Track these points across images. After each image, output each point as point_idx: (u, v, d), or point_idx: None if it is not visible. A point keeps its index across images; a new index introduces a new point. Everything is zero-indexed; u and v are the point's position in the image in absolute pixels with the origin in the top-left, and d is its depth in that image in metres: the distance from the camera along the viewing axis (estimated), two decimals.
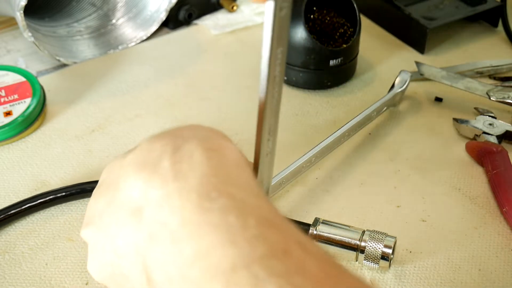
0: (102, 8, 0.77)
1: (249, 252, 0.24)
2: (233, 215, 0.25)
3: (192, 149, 0.28)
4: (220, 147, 0.29)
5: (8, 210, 0.51)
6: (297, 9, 0.63)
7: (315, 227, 0.47)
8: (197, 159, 0.28)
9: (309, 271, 0.24)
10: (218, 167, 0.28)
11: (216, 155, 0.28)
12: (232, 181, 0.27)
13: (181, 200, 0.26)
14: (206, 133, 0.31)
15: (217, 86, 0.68)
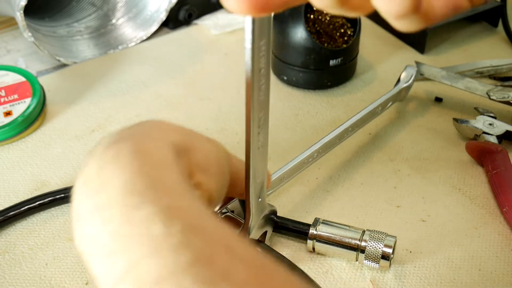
0: (102, 8, 0.77)
1: (173, 262, 0.24)
2: (157, 224, 0.25)
3: (121, 152, 0.28)
4: (149, 147, 0.29)
5: (7, 212, 0.50)
6: (297, 9, 0.63)
7: (315, 227, 0.47)
8: (123, 162, 0.27)
9: (235, 277, 0.24)
10: (143, 170, 0.27)
11: (142, 157, 0.28)
12: (157, 184, 0.27)
13: (109, 211, 0.26)
14: (147, 130, 0.31)
15: (217, 86, 0.68)
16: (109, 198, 0.26)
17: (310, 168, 0.56)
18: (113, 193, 0.26)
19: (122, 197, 0.26)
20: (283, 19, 0.64)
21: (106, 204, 0.26)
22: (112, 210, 0.26)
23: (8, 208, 0.51)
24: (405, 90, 0.63)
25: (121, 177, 0.27)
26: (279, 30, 0.64)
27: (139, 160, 0.27)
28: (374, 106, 0.59)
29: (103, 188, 0.27)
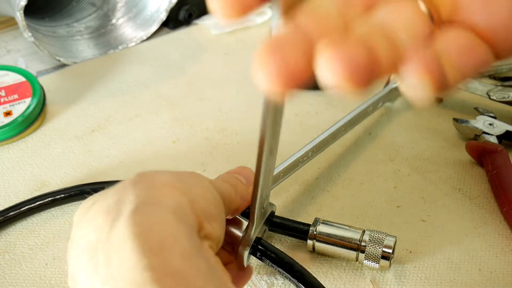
0: (102, 8, 0.77)
1: None
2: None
3: (123, 233, 0.28)
4: (148, 224, 0.28)
5: (7, 212, 0.50)
6: None
7: (315, 227, 0.47)
8: (123, 249, 0.27)
9: None
10: (143, 257, 0.27)
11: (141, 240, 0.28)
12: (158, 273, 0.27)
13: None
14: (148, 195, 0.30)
15: (217, 86, 0.68)
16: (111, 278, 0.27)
17: (310, 168, 0.56)
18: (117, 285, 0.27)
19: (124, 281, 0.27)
20: None
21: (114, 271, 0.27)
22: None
23: (8, 208, 0.51)
24: (395, 90, 0.63)
25: (121, 268, 0.27)
26: None
27: (138, 245, 0.27)
28: (365, 106, 0.59)
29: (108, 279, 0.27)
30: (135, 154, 0.59)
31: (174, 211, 0.29)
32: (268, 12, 0.80)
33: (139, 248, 0.27)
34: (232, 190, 0.38)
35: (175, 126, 0.62)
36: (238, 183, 0.39)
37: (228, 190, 0.37)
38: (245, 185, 0.40)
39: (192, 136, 0.61)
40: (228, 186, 0.38)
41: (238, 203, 0.38)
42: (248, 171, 0.41)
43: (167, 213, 0.29)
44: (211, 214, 0.32)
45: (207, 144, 0.60)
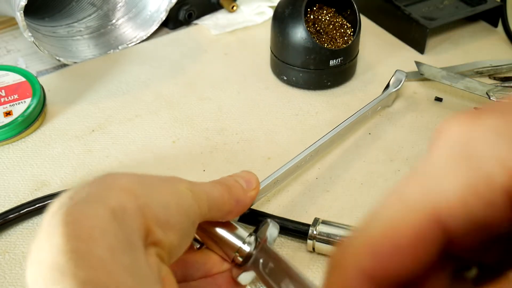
0: (102, 8, 0.77)
1: None
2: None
3: (51, 223, 0.29)
4: (83, 215, 0.29)
5: (6, 215, 0.50)
6: (297, 9, 0.63)
7: (315, 227, 0.47)
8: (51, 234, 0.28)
9: None
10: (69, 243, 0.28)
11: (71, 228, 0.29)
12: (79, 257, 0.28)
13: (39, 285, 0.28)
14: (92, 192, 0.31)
15: (217, 86, 0.68)
16: (36, 273, 0.28)
17: (310, 168, 0.56)
18: (41, 267, 0.28)
19: (46, 273, 0.28)
20: (283, 19, 0.64)
21: (34, 281, 0.28)
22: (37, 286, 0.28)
23: (7, 211, 0.51)
24: (394, 94, 0.64)
25: (48, 252, 0.28)
26: (279, 30, 0.64)
27: (66, 232, 0.28)
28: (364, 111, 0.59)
29: (36, 264, 0.28)
30: (135, 154, 0.59)
31: (113, 210, 0.30)
32: (268, 12, 0.80)
33: (66, 234, 0.28)
34: (225, 192, 0.37)
35: (175, 126, 0.62)
36: (235, 185, 0.38)
37: (220, 193, 0.37)
38: (244, 189, 0.39)
39: (192, 136, 0.61)
40: (220, 188, 0.37)
41: (231, 206, 0.38)
42: (251, 176, 0.41)
43: (104, 210, 0.30)
44: (167, 222, 0.32)
45: (207, 144, 0.60)
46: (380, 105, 0.62)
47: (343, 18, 0.68)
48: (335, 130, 0.56)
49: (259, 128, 0.62)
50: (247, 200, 0.39)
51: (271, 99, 0.66)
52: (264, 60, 0.72)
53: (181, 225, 0.33)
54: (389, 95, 0.63)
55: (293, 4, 0.64)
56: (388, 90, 0.63)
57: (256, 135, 0.61)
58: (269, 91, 0.67)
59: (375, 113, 0.63)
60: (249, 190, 0.39)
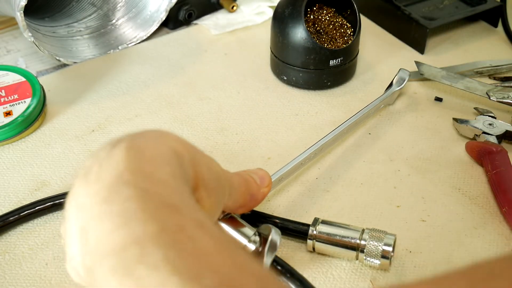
0: (102, 8, 0.77)
1: (140, 231, 0.25)
2: (132, 202, 0.26)
3: (116, 152, 0.29)
4: (144, 145, 0.30)
5: (6, 217, 0.50)
6: (297, 9, 0.63)
7: (315, 226, 0.47)
8: (116, 159, 0.29)
9: (199, 244, 0.25)
10: (133, 164, 0.28)
11: (135, 153, 0.29)
12: (143, 175, 0.28)
13: (94, 199, 0.28)
14: (150, 134, 0.32)
15: (217, 86, 0.68)
16: (97, 190, 0.28)
17: (310, 168, 0.56)
18: (101, 184, 0.28)
19: (108, 186, 0.28)
20: (283, 19, 0.64)
21: (91, 193, 0.28)
22: (95, 196, 0.28)
23: (7, 213, 0.50)
24: (397, 93, 0.64)
25: (111, 171, 0.28)
26: (279, 30, 0.64)
27: (130, 156, 0.29)
28: (367, 110, 0.59)
29: (96, 181, 0.28)
30: None
31: (175, 150, 0.30)
32: (268, 12, 0.80)
33: (130, 157, 0.28)
34: (243, 185, 0.38)
35: (175, 126, 0.62)
36: (251, 180, 0.39)
37: (239, 184, 0.38)
38: (258, 185, 0.40)
39: (192, 136, 0.61)
40: (240, 179, 0.38)
41: (245, 199, 0.39)
42: (264, 173, 0.42)
43: (165, 146, 0.30)
44: (209, 185, 0.33)
45: (207, 144, 0.60)
46: (383, 103, 0.62)
47: (343, 18, 0.68)
48: (340, 128, 0.56)
49: (259, 128, 0.62)
50: (259, 196, 0.40)
51: (271, 99, 0.66)
52: (264, 60, 0.72)
53: (217, 194, 0.34)
54: (392, 94, 0.63)
55: (293, 4, 0.64)
56: (391, 88, 0.63)
57: (256, 135, 0.61)
58: (269, 91, 0.67)
59: (376, 112, 0.63)
60: (262, 187, 0.40)
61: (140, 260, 0.24)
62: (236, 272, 0.25)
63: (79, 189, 0.29)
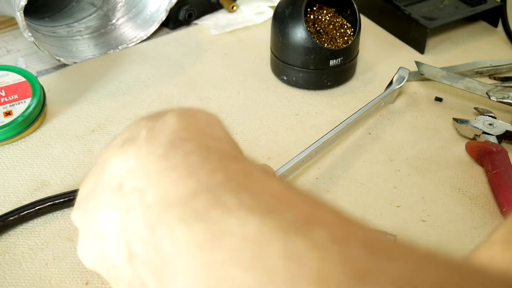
0: (102, 8, 0.77)
1: (208, 180, 0.25)
2: (195, 155, 0.26)
3: (167, 117, 0.29)
4: (194, 112, 0.30)
5: (6, 217, 0.50)
6: (297, 9, 0.63)
7: None
8: (169, 121, 0.28)
9: (270, 187, 0.25)
10: (188, 124, 0.28)
11: (187, 117, 0.29)
12: (200, 132, 0.28)
13: (149, 158, 0.27)
14: (188, 108, 0.31)
15: (217, 86, 0.68)
16: (151, 149, 0.27)
17: (310, 168, 0.56)
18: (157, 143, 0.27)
19: (165, 143, 0.27)
20: (283, 19, 0.64)
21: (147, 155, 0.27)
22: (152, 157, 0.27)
23: (7, 213, 0.50)
24: (397, 91, 0.64)
25: (166, 131, 0.28)
26: (279, 30, 0.64)
27: (184, 119, 0.29)
28: (368, 108, 0.60)
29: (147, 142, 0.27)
30: None
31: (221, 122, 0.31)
32: (268, 12, 0.80)
33: (184, 119, 0.28)
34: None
35: None
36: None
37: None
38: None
39: None
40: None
41: None
42: (267, 167, 0.42)
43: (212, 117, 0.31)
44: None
45: None
46: (384, 102, 0.62)
47: (343, 18, 0.68)
48: (340, 126, 0.56)
49: (259, 128, 0.62)
50: None
51: (271, 99, 0.66)
52: (264, 60, 0.72)
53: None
54: (392, 92, 0.63)
55: (293, 4, 0.64)
56: (391, 87, 0.63)
57: (256, 135, 0.61)
58: (269, 91, 0.67)
59: (376, 112, 0.63)
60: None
61: (212, 205, 0.24)
62: (315, 208, 0.24)
63: (123, 155, 0.27)
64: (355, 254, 0.21)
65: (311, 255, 0.21)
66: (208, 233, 0.23)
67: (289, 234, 0.22)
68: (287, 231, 0.22)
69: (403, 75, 0.64)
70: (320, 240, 0.22)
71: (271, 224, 0.22)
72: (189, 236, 0.23)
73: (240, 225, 0.23)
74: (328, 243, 0.22)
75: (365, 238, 0.22)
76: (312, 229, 0.22)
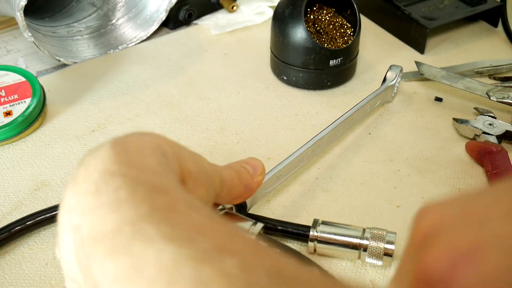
0: (102, 8, 0.77)
1: (132, 213, 0.26)
2: (123, 190, 0.27)
3: (101, 152, 0.30)
4: (126, 142, 0.31)
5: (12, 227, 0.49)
6: (297, 9, 0.63)
7: (315, 228, 0.47)
8: (102, 157, 0.29)
9: (191, 219, 0.26)
10: (118, 158, 0.29)
11: (119, 149, 0.30)
12: (129, 165, 0.29)
13: (85, 197, 0.28)
14: (134, 134, 0.32)
15: (217, 86, 0.68)
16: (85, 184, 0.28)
17: (310, 168, 0.56)
18: (91, 180, 0.28)
19: (96, 179, 0.28)
20: (283, 19, 0.64)
21: (81, 190, 0.28)
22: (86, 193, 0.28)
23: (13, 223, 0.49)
24: (391, 89, 0.64)
25: (98, 165, 0.29)
26: (279, 30, 0.64)
27: (115, 150, 0.29)
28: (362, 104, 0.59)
29: (83, 180, 0.29)
30: None
31: (158, 145, 0.31)
32: (268, 12, 0.80)
33: (116, 151, 0.29)
34: (235, 176, 0.38)
35: (175, 126, 0.62)
36: (243, 171, 0.40)
37: (231, 176, 0.38)
38: (251, 174, 0.40)
39: (192, 136, 0.61)
40: (231, 172, 0.38)
41: (240, 190, 0.39)
42: (257, 162, 0.42)
43: (149, 142, 0.31)
44: (197, 177, 0.33)
45: (207, 144, 0.60)
46: (379, 99, 0.62)
47: (343, 18, 0.68)
48: (335, 123, 0.56)
49: (259, 128, 0.62)
50: (254, 185, 0.40)
51: (271, 99, 0.66)
52: (264, 60, 0.72)
53: (207, 187, 0.34)
54: (386, 89, 0.62)
55: (293, 4, 0.64)
56: (385, 83, 0.63)
57: (256, 135, 0.61)
58: (269, 91, 0.67)
59: (375, 111, 0.63)
60: (255, 176, 0.41)
61: (134, 237, 0.25)
62: (231, 238, 0.26)
63: (68, 194, 0.29)
64: (261, 281, 0.23)
65: (219, 282, 0.23)
66: (131, 265, 0.24)
67: (201, 262, 0.23)
68: (200, 259, 0.24)
69: (395, 72, 0.63)
70: (229, 268, 0.23)
71: (186, 252, 0.24)
72: (116, 268, 0.25)
73: (158, 255, 0.24)
74: (236, 271, 0.23)
75: (273, 265, 0.24)
76: (224, 258, 0.24)
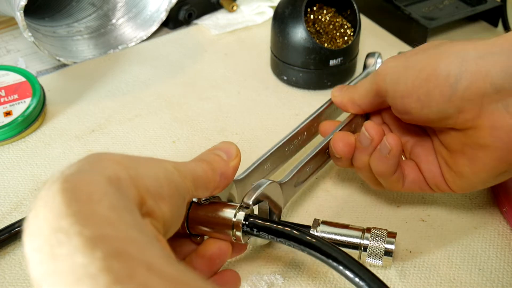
0: (102, 8, 0.77)
1: (92, 286, 0.25)
2: (79, 254, 0.26)
3: (49, 194, 0.29)
4: (79, 183, 0.29)
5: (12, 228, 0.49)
6: (297, 9, 0.63)
7: (316, 228, 0.47)
8: (50, 203, 0.28)
9: (151, 281, 0.25)
10: (69, 206, 0.28)
11: (69, 194, 0.28)
12: (83, 218, 0.27)
13: (39, 254, 0.27)
14: (84, 166, 0.31)
15: (217, 86, 0.68)
16: (39, 241, 0.27)
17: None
18: (44, 234, 0.27)
19: (49, 237, 0.27)
20: (283, 19, 0.64)
21: (37, 248, 0.27)
22: (41, 252, 0.27)
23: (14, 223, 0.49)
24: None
25: (49, 218, 0.27)
26: (279, 30, 0.64)
27: (65, 198, 0.28)
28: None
29: (36, 232, 0.28)
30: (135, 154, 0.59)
31: (109, 177, 0.30)
32: (268, 12, 0.80)
33: (66, 199, 0.28)
34: (208, 170, 0.37)
35: (175, 126, 0.62)
36: (216, 159, 0.39)
37: (204, 170, 0.37)
38: (226, 161, 0.39)
39: (192, 136, 0.61)
40: (204, 165, 0.37)
41: (215, 182, 0.38)
42: (230, 145, 0.40)
43: (100, 177, 0.30)
44: (159, 194, 0.32)
45: (207, 144, 0.60)
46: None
47: (343, 18, 0.68)
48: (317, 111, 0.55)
49: (259, 128, 0.62)
50: (230, 172, 0.39)
51: (271, 99, 0.66)
52: (264, 60, 0.72)
53: (171, 197, 0.33)
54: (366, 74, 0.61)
55: (293, 4, 0.64)
56: (366, 70, 0.62)
57: (256, 135, 0.61)
58: (269, 91, 0.67)
59: None
60: (230, 161, 0.39)
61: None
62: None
63: (26, 240, 0.28)
64: None
65: None
66: None
67: None
68: None
69: (374, 58, 0.61)
70: None
71: None
72: None
73: None
74: None
75: None
76: None
